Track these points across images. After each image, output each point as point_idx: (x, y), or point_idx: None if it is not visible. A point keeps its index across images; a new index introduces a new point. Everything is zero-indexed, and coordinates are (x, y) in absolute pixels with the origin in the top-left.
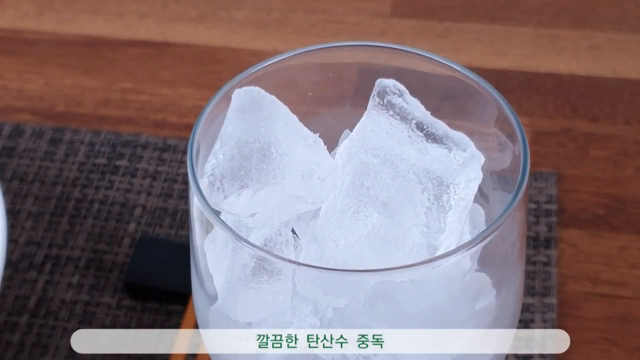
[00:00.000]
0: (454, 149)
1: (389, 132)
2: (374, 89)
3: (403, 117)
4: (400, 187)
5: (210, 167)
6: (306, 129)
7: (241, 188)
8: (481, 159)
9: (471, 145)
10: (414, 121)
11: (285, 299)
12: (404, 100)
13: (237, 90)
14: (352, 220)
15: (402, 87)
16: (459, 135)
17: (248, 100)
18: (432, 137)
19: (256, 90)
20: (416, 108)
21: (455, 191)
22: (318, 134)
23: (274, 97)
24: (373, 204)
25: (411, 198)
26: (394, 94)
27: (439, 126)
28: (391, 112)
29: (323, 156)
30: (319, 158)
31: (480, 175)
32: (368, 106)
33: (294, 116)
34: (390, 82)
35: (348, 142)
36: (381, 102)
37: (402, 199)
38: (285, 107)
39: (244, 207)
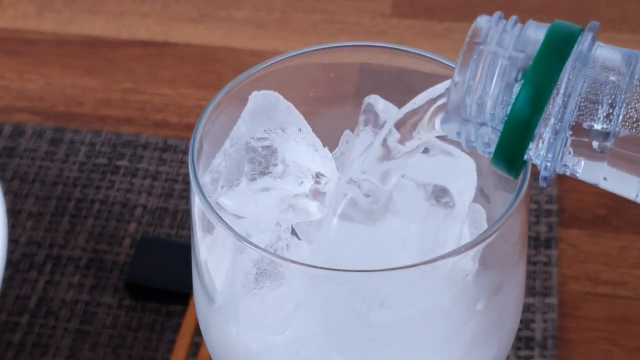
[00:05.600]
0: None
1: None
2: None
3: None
4: (400, 188)
5: (216, 164)
6: (317, 138)
7: (244, 188)
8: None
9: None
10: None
11: (290, 305)
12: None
13: (254, 93)
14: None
15: (384, 102)
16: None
17: (265, 104)
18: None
19: (274, 96)
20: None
21: (455, 192)
22: (321, 143)
23: (290, 104)
24: None
25: (412, 199)
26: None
27: None
28: (375, 129)
29: (329, 167)
30: (325, 168)
31: (475, 179)
32: (358, 123)
33: (308, 126)
34: (372, 99)
35: (341, 158)
36: (367, 119)
37: (402, 200)
38: (301, 115)
39: (245, 206)
